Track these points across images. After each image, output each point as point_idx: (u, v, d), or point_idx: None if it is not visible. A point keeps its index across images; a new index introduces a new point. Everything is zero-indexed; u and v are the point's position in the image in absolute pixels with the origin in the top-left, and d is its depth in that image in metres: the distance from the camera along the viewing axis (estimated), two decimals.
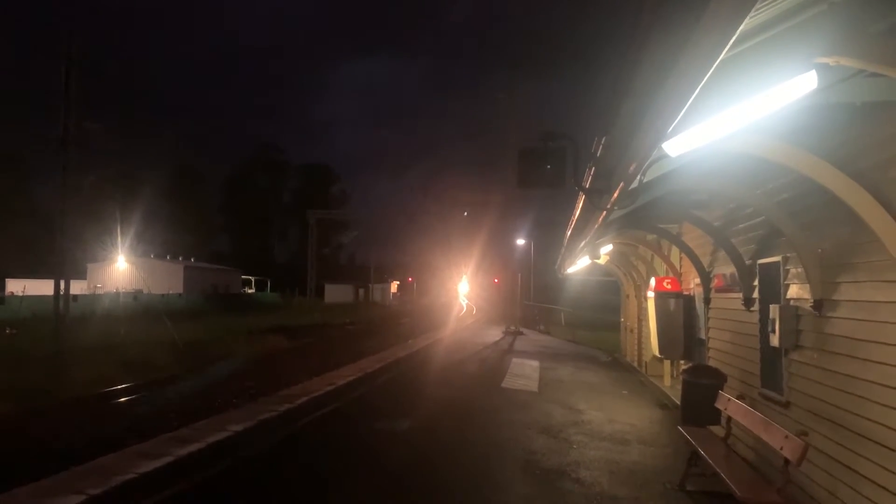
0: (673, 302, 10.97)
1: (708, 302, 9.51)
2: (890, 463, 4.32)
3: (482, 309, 50.92)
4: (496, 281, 57.89)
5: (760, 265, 7.19)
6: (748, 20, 1.94)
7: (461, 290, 61.64)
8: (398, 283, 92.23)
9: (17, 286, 41.54)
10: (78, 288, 36.73)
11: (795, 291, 6.15)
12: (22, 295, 33.48)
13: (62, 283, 15.68)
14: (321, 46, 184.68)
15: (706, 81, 2.22)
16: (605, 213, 5.36)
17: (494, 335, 26.58)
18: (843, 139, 4.78)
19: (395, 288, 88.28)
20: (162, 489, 5.91)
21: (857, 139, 4.68)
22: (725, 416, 6.64)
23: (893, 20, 2.76)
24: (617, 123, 3.44)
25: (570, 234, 9.07)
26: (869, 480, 4.58)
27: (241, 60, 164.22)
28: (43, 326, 20.12)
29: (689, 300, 10.94)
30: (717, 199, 8.46)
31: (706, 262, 9.55)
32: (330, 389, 10.84)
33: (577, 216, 7.19)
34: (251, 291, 69.58)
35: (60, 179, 15.82)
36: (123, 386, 12.68)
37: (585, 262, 14.29)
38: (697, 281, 10.09)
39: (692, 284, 10.94)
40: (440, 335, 25.00)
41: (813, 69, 2.82)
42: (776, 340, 6.18)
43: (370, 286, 75.27)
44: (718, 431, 6.96)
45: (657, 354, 11.71)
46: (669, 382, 12.82)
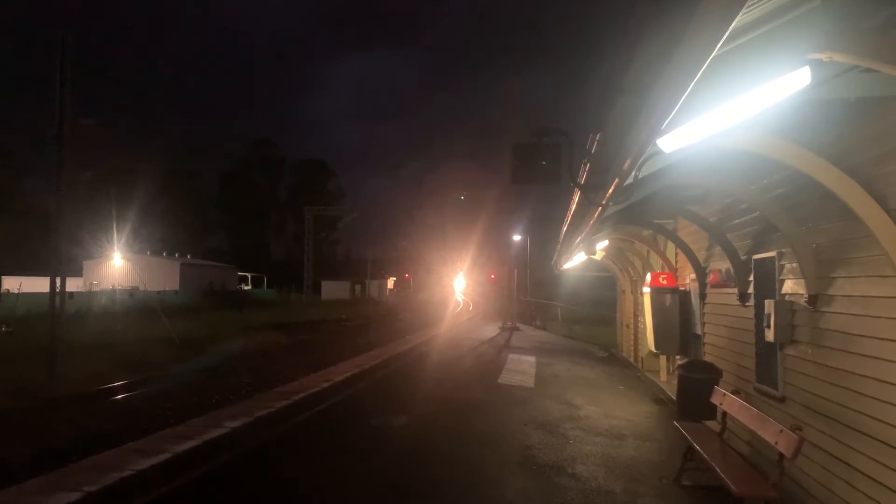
0: (669, 297, 10.99)
1: (703, 297, 9.54)
2: (884, 457, 4.34)
3: (478, 305, 50.98)
4: (492, 277, 57.95)
5: (756, 260, 7.21)
6: (741, 16, 1.95)
7: (458, 286, 61.70)
8: (395, 279, 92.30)
9: (12, 283, 41.34)
10: (74, 285, 36.73)
11: (790, 286, 6.17)
12: (18, 292, 33.35)
13: (58, 280, 15.60)
14: (317, 41, 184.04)
15: (700, 77, 2.23)
16: (600, 208, 5.38)
17: (491, 331, 26.62)
18: (837, 135, 4.80)
19: (391, 284, 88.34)
20: (158, 486, 5.93)
21: (850, 135, 4.69)
22: (721, 410, 6.67)
23: (886, 16, 2.77)
24: (611, 119, 3.45)
25: (565, 229, 9.08)
26: (863, 474, 4.61)
27: (236, 56, 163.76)
28: (39, 324, 20.08)
29: (684, 295, 10.97)
30: (712, 194, 8.48)
31: (702, 257, 9.58)
32: (327, 386, 10.86)
33: (572, 212, 7.21)
34: (248, 288, 69.45)
35: (56, 176, 15.74)
36: (120, 383, 12.67)
37: (582, 257, 14.35)
38: (693, 276, 10.12)
39: (688, 280, 10.98)
40: (437, 331, 25.03)
41: (806, 65, 2.83)
42: (771, 335, 6.21)
43: (367, 282, 75.30)
44: (714, 426, 6.99)
45: (653, 350, 11.74)
46: (665, 378, 12.87)
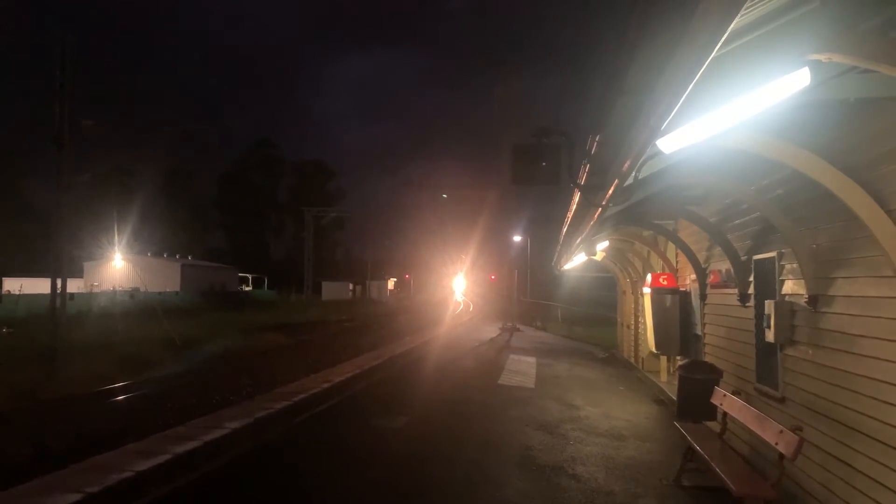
0: (669, 298, 11.00)
1: (704, 298, 9.55)
2: (884, 457, 4.34)
3: (479, 306, 50.97)
4: (493, 277, 58.06)
5: (756, 261, 7.22)
6: (740, 17, 1.96)
7: (458, 286, 61.69)
8: (395, 279, 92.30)
9: (13, 285, 41.34)
10: (75, 286, 36.71)
11: (790, 287, 6.18)
12: (19, 293, 33.38)
13: (59, 281, 15.63)
14: (317, 42, 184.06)
15: (699, 78, 2.24)
16: (600, 209, 5.39)
17: (491, 332, 26.61)
18: (836, 135, 4.80)
19: (392, 285, 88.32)
20: (159, 487, 5.92)
21: (850, 135, 4.69)
22: (721, 411, 6.67)
23: (884, 17, 2.78)
24: (611, 120, 3.45)
25: (566, 230, 9.09)
26: (863, 474, 4.61)
27: (237, 57, 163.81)
28: (40, 325, 20.09)
29: (685, 296, 10.98)
30: (712, 195, 8.49)
31: (702, 258, 9.58)
32: (327, 386, 10.84)
33: (572, 213, 7.21)
34: (248, 289, 69.40)
35: (56, 177, 15.77)
36: (120, 384, 12.68)
37: (582, 258, 14.34)
38: (693, 277, 10.12)
39: (688, 280, 10.98)
40: (437, 332, 25.01)
41: (806, 66, 2.83)
42: (771, 336, 6.21)
43: (367, 283, 75.29)
44: (714, 427, 7.00)
45: (653, 350, 11.74)
46: (666, 378, 12.87)
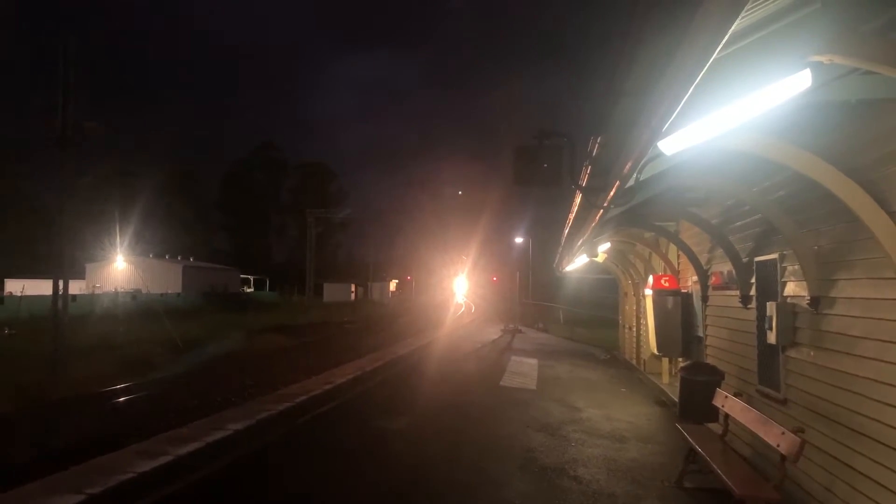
0: (671, 300, 10.99)
1: (706, 299, 9.54)
2: (886, 459, 4.33)
3: (480, 307, 50.94)
4: (494, 279, 58.11)
5: (757, 262, 7.21)
6: (741, 19, 1.96)
7: (460, 288, 61.68)
8: (397, 281, 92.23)
9: (15, 286, 41.44)
10: (77, 288, 36.74)
11: (792, 289, 6.17)
12: (21, 295, 33.41)
13: (61, 283, 15.66)
14: (318, 43, 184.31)
15: (701, 80, 2.24)
16: (602, 211, 5.39)
17: (493, 333, 26.58)
18: (837, 136, 4.80)
19: (393, 286, 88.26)
20: (161, 488, 5.93)
21: (851, 136, 4.69)
22: (723, 413, 6.66)
23: (886, 18, 2.78)
24: (612, 122, 3.46)
25: (567, 232, 9.09)
26: (865, 476, 4.60)
27: (238, 58, 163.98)
28: (42, 326, 20.12)
29: (686, 298, 10.96)
30: (714, 196, 8.48)
31: (704, 259, 9.58)
32: (329, 388, 10.85)
33: (574, 214, 7.22)
34: (250, 290, 69.46)
35: (58, 179, 15.81)
36: (122, 385, 12.70)
37: (583, 260, 14.31)
38: (695, 278, 10.11)
39: (690, 282, 10.97)
40: (439, 333, 24.99)
41: (807, 67, 2.83)
42: (773, 338, 6.21)
43: (369, 285, 75.29)
44: (716, 428, 6.99)
45: (655, 352, 11.74)
46: (667, 380, 12.85)
